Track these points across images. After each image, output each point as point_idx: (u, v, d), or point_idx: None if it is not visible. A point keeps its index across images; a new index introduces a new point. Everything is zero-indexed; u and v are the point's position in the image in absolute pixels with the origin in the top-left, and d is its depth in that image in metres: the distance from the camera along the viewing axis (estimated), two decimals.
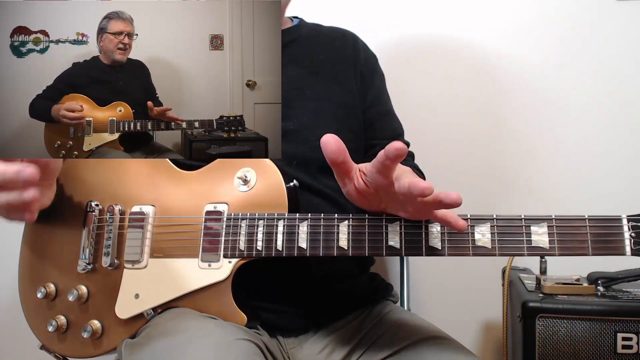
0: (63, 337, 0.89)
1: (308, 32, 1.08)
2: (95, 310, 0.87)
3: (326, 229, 0.78)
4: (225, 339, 0.71)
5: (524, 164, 1.40)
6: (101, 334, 0.86)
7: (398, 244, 0.74)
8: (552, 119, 1.40)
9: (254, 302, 0.87)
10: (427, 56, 1.44)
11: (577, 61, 1.39)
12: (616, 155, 1.38)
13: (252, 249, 0.80)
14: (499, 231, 0.72)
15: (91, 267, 0.88)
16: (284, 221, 0.80)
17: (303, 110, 0.97)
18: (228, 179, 0.85)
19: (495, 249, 0.72)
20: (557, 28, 1.40)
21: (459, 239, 0.73)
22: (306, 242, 0.78)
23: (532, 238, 0.71)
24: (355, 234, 0.76)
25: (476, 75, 1.43)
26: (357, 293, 0.98)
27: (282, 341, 0.91)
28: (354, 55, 1.07)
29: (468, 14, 1.43)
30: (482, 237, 0.72)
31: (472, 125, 1.43)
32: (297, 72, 1.00)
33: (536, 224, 0.72)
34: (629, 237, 0.69)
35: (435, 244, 0.73)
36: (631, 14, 1.37)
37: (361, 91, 1.05)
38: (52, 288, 0.90)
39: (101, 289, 0.88)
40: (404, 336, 0.87)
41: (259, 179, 0.84)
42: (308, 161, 0.94)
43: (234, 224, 0.82)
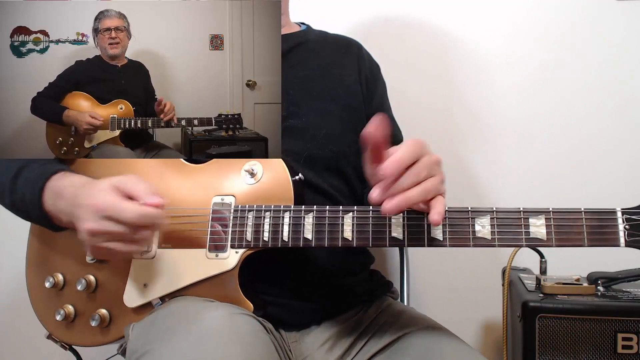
0: (71, 325, 0.90)
1: (315, 38, 1.10)
2: (103, 300, 0.89)
3: (331, 220, 0.79)
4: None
5: (524, 163, 1.40)
6: (109, 322, 0.88)
7: (401, 235, 0.76)
8: (552, 118, 1.40)
9: (258, 295, 0.88)
10: (426, 56, 1.45)
11: (577, 61, 1.39)
12: (616, 155, 1.38)
13: (258, 240, 0.82)
14: (499, 223, 0.74)
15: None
16: (290, 213, 0.81)
17: (310, 109, 0.99)
18: (235, 171, 0.87)
19: (494, 240, 0.74)
20: (557, 28, 1.40)
21: (459, 230, 0.75)
22: (312, 233, 0.80)
23: (530, 230, 0.73)
24: (359, 226, 0.78)
25: (475, 75, 1.43)
26: (358, 289, 0.99)
27: (284, 335, 0.92)
28: (359, 63, 1.09)
29: (468, 14, 1.43)
30: (482, 228, 0.74)
31: (470, 125, 1.43)
32: (304, 73, 1.01)
33: (534, 216, 0.73)
34: (623, 229, 0.71)
35: (437, 235, 0.75)
36: (631, 14, 1.37)
37: (366, 97, 1.07)
38: (60, 278, 0.91)
39: (109, 278, 0.89)
40: (402, 326, 0.90)
41: (266, 172, 0.86)
42: (314, 158, 0.95)
43: (241, 215, 0.84)
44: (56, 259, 0.93)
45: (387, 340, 0.88)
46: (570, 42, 1.39)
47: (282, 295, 0.90)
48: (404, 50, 1.45)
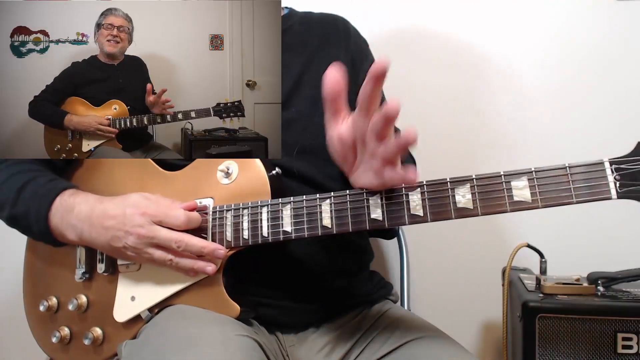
0: (67, 347, 0.90)
1: (299, 20, 1.08)
2: (95, 318, 0.89)
3: (309, 209, 0.78)
4: (224, 336, 0.72)
5: (524, 163, 1.40)
6: (102, 340, 0.87)
7: (380, 216, 0.74)
8: (551, 118, 1.40)
9: (253, 297, 0.88)
10: (423, 50, 1.44)
11: (577, 60, 1.39)
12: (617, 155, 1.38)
13: (238, 239, 0.81)
14: (480, 190, 0.71)
15: (88, 276, 0.89)
16: (267, 207, 0.80)
17: (301, 99, 0.98)
18: (211, 174, 0.86)
19: (477, 208, 0.71)
20: (557, 27, 1.40)
21: (440, 203, 0.72)
22: (290, 225, 0.79)
23: (513, 193, 0.70)
24: (337, 212, 0.77)
25: (474, 74, 1.43)
26: (357, 290, 0.98)
27: (282, 338, 0.91)
28: (345, 39, 1.07)
29: (468, 14, 1.43)
30: (462, 198, 0.71)
31: (467, 122, 1.43)
32: (292, 61, 1.00)
33: (516, 179, 0.70)
34: (613, 180, 0.67)
35: (417, 211, 0.73)
36: (631, 14, 1.37)
37: (352, 75, 1.05)
38: (54, 301, 0.92)
39: (99, 296, 0.89)
40: (402, 334, 0.88)
41: (241, 170, 0.85)
42: (308, 149, 0.94)
43: (220, 216, 0.83)
44: (49, 281, 0.93)
45: (387, 349, 0.87)
46: (570, 41, 1.39)
47: (278, 297, 0.89)
48: (398, 43, 1.45)
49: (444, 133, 1.43)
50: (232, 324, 0.77)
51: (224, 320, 0.79)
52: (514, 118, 1.41)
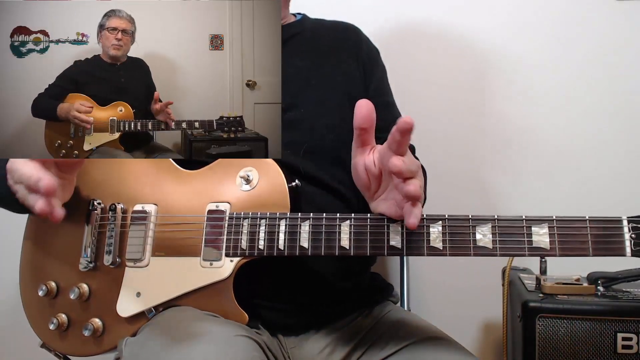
0: (64, 335, 0.89)
1: (311, 26, 1.09)
2: (96, 309, 0.87)
3: (328, 228, 0.78)
4: (225, 336, 0.72)
5: (524, 163, 1.40)
6: (102, 332, 0.86)
7: (399, 244, 0.74)
8: (551, 118, 1.40)
9: (255, 300, 0.87)
10: (427, 50, 1.45)
11: (577, 60, 1.39)
12: (617, 155, 1.38)
13: (254, 248, 0.81)
14: (500, 232, 0.72)
15: (93, 266, 0.88)
16: (285, 220, 0.80)
17: (309, 100, 0.98)
18: (230, 178, 0.86)
19: (496, 249, 0.72)
20: (557, 27, 1.40)
21: (460, 239, 0.73)
22: (308, 241, 0.78)
23: (532, 238, 0.72)
24: (356, 234, 0.76)
25: (476, 75, 1.43)
26: (358, 292, 0.98)
27: (283, 340, 0.91)
28: (357, 47, 1.08)
29: (468, 14, 1.43)
30: (483, 237, 0.73)
31: (473, 125, 1.43)
32: (302, 63, 1.01)
33: (537, 225, 0.72)
34: (629, 238, 0.70)
35: (437, 244, 0.73)
36: (631, 14, 1.37)
37: (364, 83, 1.05)
38: (53, 286, 0.90)
39: (103, 287, 0.88)
40: (403, 336, 0.88)
41: (262, 178, 0.84)
42: (314, 149, 0.94)
43: (236, 222, 0.82)
44: (49, 266, 0.92)
45: (388, 352, 0.86)
46: (570, 41, 1.40)
47: (279, 299, 0.89)
48: (405, 47, 1.45)
49: (449, 134, 1.43)
50: (233, 325, 0.77)
51: (225, 321, 0.78)
52: (517, 118, 1.41)
